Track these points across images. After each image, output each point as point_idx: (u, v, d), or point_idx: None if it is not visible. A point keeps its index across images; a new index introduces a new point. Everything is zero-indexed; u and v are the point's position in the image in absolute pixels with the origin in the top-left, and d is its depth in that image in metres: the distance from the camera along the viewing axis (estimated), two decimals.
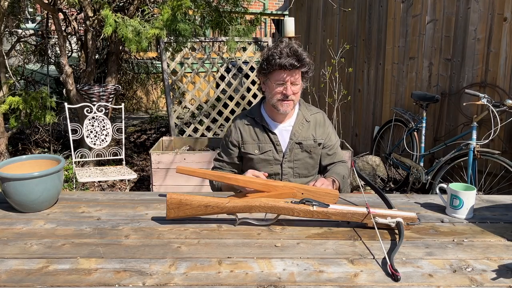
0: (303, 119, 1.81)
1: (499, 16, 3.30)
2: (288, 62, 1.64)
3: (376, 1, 4.46)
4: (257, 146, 1.78)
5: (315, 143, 1.80)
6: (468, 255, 1.12)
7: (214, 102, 4.80)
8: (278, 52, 1.65)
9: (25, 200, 1.34)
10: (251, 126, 1.80)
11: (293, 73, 1.68)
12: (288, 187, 1.39)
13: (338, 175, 1.72)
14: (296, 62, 1.65)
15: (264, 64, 1.70)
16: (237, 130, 1.82)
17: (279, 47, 1.67)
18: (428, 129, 3.92)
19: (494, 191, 3.31)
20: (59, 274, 1.00)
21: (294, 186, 1.40)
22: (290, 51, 1.65)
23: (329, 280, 0.99)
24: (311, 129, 1.81)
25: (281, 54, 1.64)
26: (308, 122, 1.81)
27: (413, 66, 4.10)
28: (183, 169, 1.40)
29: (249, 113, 1.84)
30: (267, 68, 1.68)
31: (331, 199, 1.42)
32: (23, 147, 4.70)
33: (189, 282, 0.97)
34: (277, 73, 1.68)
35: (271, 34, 9.05)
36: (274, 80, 1.69)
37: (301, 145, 1.78)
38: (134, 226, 1.28)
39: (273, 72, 1.68)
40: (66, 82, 3.94)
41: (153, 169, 3.40)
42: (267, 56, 1.68)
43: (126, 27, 3.17)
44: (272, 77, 1.70)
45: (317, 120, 1.84)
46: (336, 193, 1.45)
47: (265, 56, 1.71)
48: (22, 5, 4.71)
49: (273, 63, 1.65)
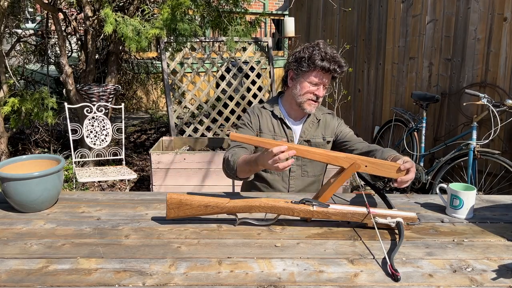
0: (313, 118, 1.81)
1: (499, 16, 3.30)
2: (332, 66, 1.63)
3: (376, 1, 4.46)
4: (272, 138, 1.76)
5: (324, 141, 1.80)
6: (468, 255, 1.12)
7: (214, 102, 4.80)
8: (323, 54, 1.63)
9: (25, 200, 1.34)
10: (268, 118, 1.79)
11: (329, 77, 1.68)
12: (350, 158, 1.31)
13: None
14: (338, 68, 1.65)
15: (305, 62, 1.66)
16: (255, 116, 1.79)
17: (321, 49, 1.65)
18: (428, 129, 3.92)
19: (494, 191, 3.31)
20: (59, 274, 1.00)
21: (358, 158, 1.32)
22: (332, 55, 1.64)
23: (329, 280, 0.99)
24: (321, 128, 1.81)
25: (325, 56, 1.63)
26: (318, 121, 1.81)
27: (413, 66, 4.10)
28: (236, 136, 1.34)
29: (266, 106, 1.82)
30: (307, 66, 1.66)
31: (398, 173, 1.33)
32: (23, 147, 4.70)
33: (189, 282, 0.97)
34: (315, 73, 1.66)
35: (271, 34, 9.05)
36: (309, 80, 1.68)
37: (309, 143, 1.78)
38: (134, 226, 1.28)
39: (311, 71, 1.67)
40: (66, 82, 3.94)
41: (153, 169, 3.39)
42: (309, 55, 1.65)
43: (126, 26, 3.17)
44: (308, 76, 1.68)
45: (327, 119, 1.83)
46: (397, 165, 1.33)
47: (302, 54, 1.67)
48: (22, 5, 4.71)
49: (316, 63, 1.63)
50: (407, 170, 1.33)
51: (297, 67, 1.69)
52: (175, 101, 4.38)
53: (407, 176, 1.33)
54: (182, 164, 3.40)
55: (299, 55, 1.69)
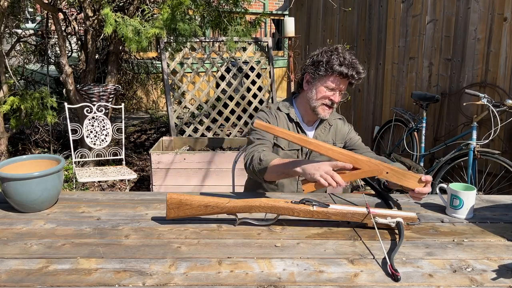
0: (326, 124, 1.79)
1: (499, 16, 3.30)
2: (350, 72, 1.60)
3: (376, 1, 4.46)
4: (287, 142, 1.73)
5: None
6: (468, 255, 1.12)
7: (214, 102, 4.80)
8: (341, 59, 1.60)
9: (25, 200, 1.34)
10: (284, 120, 1.75)
11: (346, 83, 1.65)
12: (373, 163, 1.31)
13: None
14: (355, 74, 1.62)
15: (323, 66, 1.63)
16: (273, 117, 1.74)
17: (340, 54, 1.61)
18: (428, 129, 3.92)
19: (494, 191, 3.31)
20: (59, 274, 1.00)
21: (380, 163, 1.32)
22: (351, 61, 1.61)
23: (329, 280, 0.99)
24: (331, 133, 1.80)
25: (343, 61, 1.60)
26: (330, 126, 1.80)
27: (413, 66, 4.10)
28: (262, 125, 1.31)
29: (282, 108, 1.77)
30: (325, 70, 1.62)
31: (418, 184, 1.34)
32: (23, 147, 4.69)
33: (189, 282, 0.97)
34: (332, 78, 1.63)
35: (271, 34, 9.05)
36: (326, 85, 1.65)
37: None
38: (134, 226, 1.28)
39: (328, 76, 1.63)
40: (66, 82, 3.94)
41: (153, 169, 3.39)
42: (327, 59, 1.62)
43: (126, 27, 3.17)
44: (324, 80, 1.65)
45: (338, 125, 1.82)
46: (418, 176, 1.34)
47: (320, 58, 1.64)
48: (22, 5, 4.71)
49: (334, 68, 1.60)
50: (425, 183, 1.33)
51: (314, 70, 1.66)
52: (175, 101, 4.38)
53: (425, 189, 1.33)
54: (182, 164, 3.40)
55: (317, 59, 1.66)
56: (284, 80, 8.13)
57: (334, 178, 1.27)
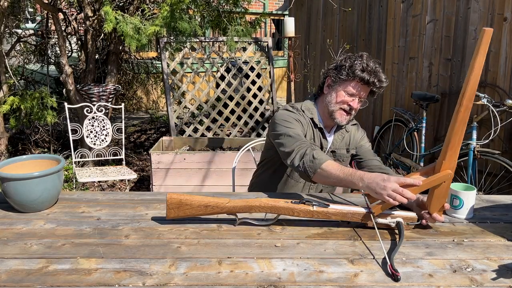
0: (344, 130, 1.79)
1: (499, 16, 3.30)
2: (371, 79, 1.59)
3: (376, 1, 4.46)
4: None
5: (347, 153, 1.79)
6: (468, 255, 1.12)
7: (214, 102, 4.80)
8: (364, 65, 1.59)
9: (25, 200, 1.33)
10: (309, 125, 1.72)
11: (367, 90, 1.64)
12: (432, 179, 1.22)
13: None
14: (377, 82, 1.61)
15: (345, 70, 1.61)
16: (299, 120, 1.68)
17: (364, 60, 1.60)
18: (428, 129, 3.92)
19: (494, 191, 3.31)
20: (59, 274, 1.00)
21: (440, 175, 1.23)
22: (374, 69, 1.60)
23: (329, 280, 0.99)
24: (346, 139, 1.79)
25: (366, 68, 1.59)
26: (347, 133, 1.79)
27: (413, 66, 4.10)
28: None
29: (306, 112, 1.72)
30: (347, 75, 1.61)
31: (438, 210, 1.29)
32: (23, 147, 4.69)
33: (189, 282, 0.97)
34: (354, 84, 1.62)
35: (271, 34, 9.05)
36: (346, 89, 1.63)
37: (335, 153, 1.76)
38: (134, 226, 1.28)
39: (349, 81, 1.62)
40: (66, 82, 3.94)
41: (153, 169, 3.39)
42: (350, 64, 1.61)
43: (126, 24, 3.17)
44: (345, 85, 1.63)
45: (352, 131, 1.82)
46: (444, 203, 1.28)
47: (344, 63, 1.63)
48: (22, 5, 4.71)
49: (356, 73, 1.59)
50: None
51: (336, 74, 1.65)
52: (175, 101, 4.38)
53: (440, 217, 1.27)
54: (182, 164, 3.40)
55: (340, 63, 1.65)
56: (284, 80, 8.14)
57: (404, 194, 1.19)
